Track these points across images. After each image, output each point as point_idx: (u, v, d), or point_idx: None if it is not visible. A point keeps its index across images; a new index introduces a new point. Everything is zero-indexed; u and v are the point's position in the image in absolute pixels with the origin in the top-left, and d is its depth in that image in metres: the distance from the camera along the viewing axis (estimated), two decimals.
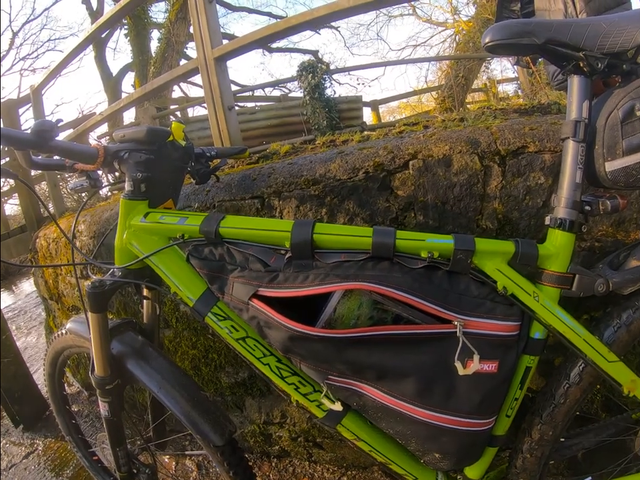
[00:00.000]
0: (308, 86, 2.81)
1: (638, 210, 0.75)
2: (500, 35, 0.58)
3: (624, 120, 0.58)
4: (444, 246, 0.56)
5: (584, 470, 0.87)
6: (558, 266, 0.59)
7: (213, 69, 1.09)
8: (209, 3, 1.10)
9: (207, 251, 0.64)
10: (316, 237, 0.58)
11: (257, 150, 1.02)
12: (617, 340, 0.63)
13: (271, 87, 6.56)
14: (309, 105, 2.81)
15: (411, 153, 0.74)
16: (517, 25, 0.58)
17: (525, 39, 0.57)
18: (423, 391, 0.57)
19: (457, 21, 7.30)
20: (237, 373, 0.92)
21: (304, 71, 2.88)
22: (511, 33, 0.57)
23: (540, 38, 0.57)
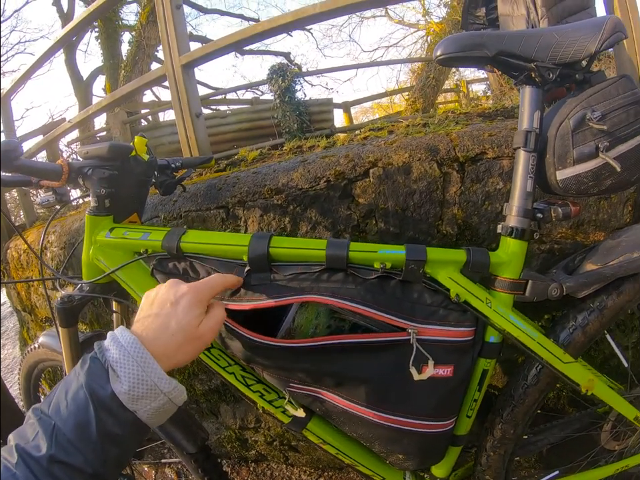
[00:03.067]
0: (278, 89, 2.81)
1: (596, 212, 0.76)
2: (451, 47, 0.58)
3: (575, 129, 0.59)
4: (396, 257, 0.57)
5: (554, 463, 0.89)
6: (510, 273, 0.60)
7: (180, 76, 1.08)
8: (176, 9, 1.09)
9: (171, 265, 0.65)
10: (272, 250, 0.59)
11: (227, 155, 1.02)
12: (573, 341, 0.65)
13: (243, 90, 6.53)
14: (279, 108, 2.82)
15: (372, 161, 0.75)
16: (468, 38, 0.59)
17: (476, 51, 0.58)
18: (380, 395, 0.60)
19: (429, 22, 7.29)
20: (210, 380, 0.94)
21: (274, 75, 2.87)
22: (462, 45, 0.58)
23: (491, 50, 0.58)
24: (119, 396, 0.39)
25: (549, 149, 0.60)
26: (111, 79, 5.34)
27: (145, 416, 0.40)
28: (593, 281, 0.64)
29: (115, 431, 0.39)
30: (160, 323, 0.46)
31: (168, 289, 0.49)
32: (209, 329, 0.48)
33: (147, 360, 0.41)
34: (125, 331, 0.44)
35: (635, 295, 0.67)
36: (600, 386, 0.67)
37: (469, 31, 1.04)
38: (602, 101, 0.60)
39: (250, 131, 2.81)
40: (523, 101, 0.61)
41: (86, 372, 0.40)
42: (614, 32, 0.60)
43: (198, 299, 0.48)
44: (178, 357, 0.45)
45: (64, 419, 0.38)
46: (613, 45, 0.61)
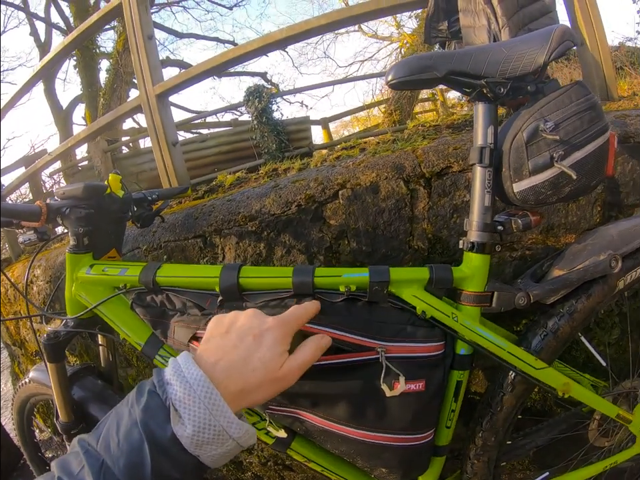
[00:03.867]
0: (255, 111, 2.81)
1: (565, 215, 0.76)
2: (401, 72, 0.59)
3: (528, 141, 0.59)
4: (360, 279, 0.58)
5: (549, 463, 0.89)
6: (475, 286, 0.61)
7: (155, 105, 1.10)
8: (148, 40, 1.10)
9: (149, 298, 0.66)
10: (242, 280, 0.60)
11: (208, 179, 1.03)
12: (545, 347, 0.65)
13: (222, 112, 6.38)
14: (257, 129, 2.82)
15: (340, 183, 0.76)
16: (417, 61, 0.59)
17: (425, 73, 0.58)
18: (356, 413, 0.60)
19: (402, 34, 7.14)
20: None
21: (250, 96, 2.87)
22: (412, 69, 0.59)
23: (441, 71, 0.58)
24: (180, 439, 0.34)
25: (504, 162, 0.60)
26: (90, 107, 5.31)
27: (208, 460, 0.36)
28: (559, 286, 0.64)
29: (172, 474, 0.34)
30: (240, 356, 0.40)
31: (251, 318, 0.44)
32: (293, 370, 0.43)
33: (217, 402, 0.35)
34: (191, 363, 0.37)
35: (605, 296, 0.67)
36: (577, 388, 0.67)
37: (432, 44, 1.04)
38: (555, 111, 0.60)
39: (230, 154, 2.81)
40: (477, 117, 0.61)
41: (142, 408, 0.35)
42: (562, 41, 0.60)
43: (284, 333, 0.44)
44: (255, 396, 0.40)
45: (115, 457, 0.33)
46: (563, 54, 0.61)
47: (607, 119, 0.64)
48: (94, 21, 1.25)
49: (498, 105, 0.62)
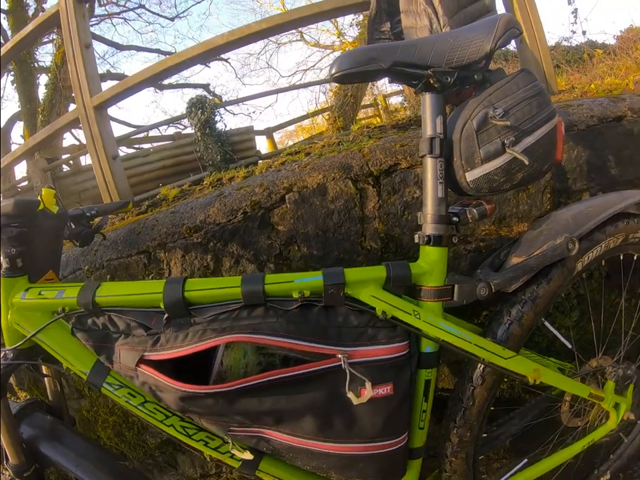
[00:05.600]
0: (198, 122, 2.66)
1: (516, 205, 0.72)
2: (346, 64, 0.53)
3: (478, 129, 0.55)
4: (313, 283, 0.51)
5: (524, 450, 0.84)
6: (434, 281, 0.55)
7: (93, 118, 0.99)
8: (85, 49, 1.00)
9: (90, 321, 0.57)
10: (187, 294, 0.52)
11: (152, 194, 0.94)
12: (512, 336, 0.60)
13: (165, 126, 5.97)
14: (201, 141, 2.66)
15: (286, 187, 0.69)
16: (362, 53, 0.54)
17: (370, 65, 0.53)
18: (323, 426, 0.53)
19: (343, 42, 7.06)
20: (161, 432, 0.85)
21: (193, 108, 2.72)
22: (356, 61, 0.53)
23: (386, 62, 0.53)
24: None
25: (455, 152, 0.55)
26: (29, 124, 4.83)
27: None
28: (519, 274, 0.59)
29: None
30: None
31: None
32: None
33: None
34: None
35: (565, 279, 0.63)
36: (547, 373, 0.62)
37: None
38: (503, 98, 0.56)
39: (174, 167, 2.62)
40: (424, 108, 0.56)
41: None
42: (507, 28, 0.56)
43: None
44: None
45: None
46: (509, 42, 0.57)
47: (553, 105, 0.60)
48: (30, 30, 1.12)
49: (445, 94, 0.57)
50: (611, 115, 0.77)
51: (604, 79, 1.13)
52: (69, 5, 0.98)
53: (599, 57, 1.96)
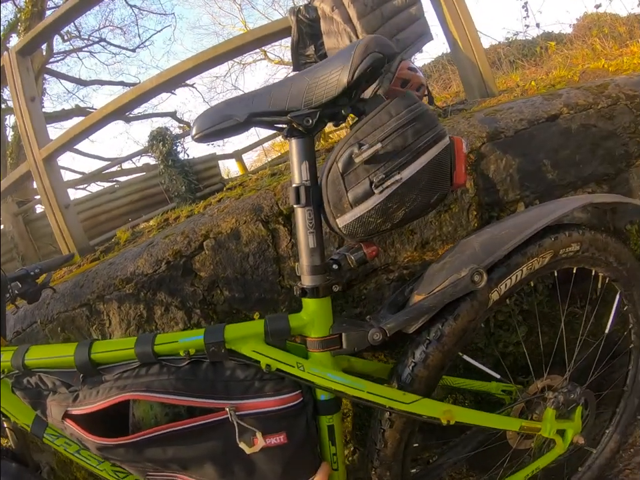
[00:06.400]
0: (160, 154, 2.65)
1: (439, 227, 0.66)
2: (203, 125, 0.52)
3: (344, 171, 0.51)
4: (196, 342, 0.52)
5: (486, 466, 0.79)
6: (317, 332, 0.53)
7: (44, 169, 1.02)
8: (31, 102, 1.02)
9: (25, 381, 0.63)
10: (93, 356, 0.56)
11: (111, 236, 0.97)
12: (416, 378, 0.56)
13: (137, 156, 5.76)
14: (165, 173, 2.64)
15: (204, 234, 0.69)
16: (216, 111, 0.52)
17: (226, 122, 0.51)
18: (223, 473, 0.55)
19: None
20: None
21: (154, 140, 2.70)
22: (212, 121, 0.52)
23: (241, 116, 0.51)
24: None
25: (324, 198, 0.51)
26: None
27: None
28: (416, 315, 0.54)
29: None
30: None
31: None
32: None
33: None
34: None
35: (477, 312, 0.57)
36: (461, 412, 0.57)
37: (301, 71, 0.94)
38: (371, 132, 0.51)
39: (141, 201, 2.64)
40: (291, 155, 0.53)
41: None
42: (365, 55, 0.49)
43: None
44: None
45: None
46: (373, 68, 0.50)
47: (441, 126, 0.54)
48: None
49: (313, 137, 0.53)
50: (543, 115, 0.67)
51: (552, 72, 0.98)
52: (13, 60, 1.01)
53: (552, 49, 1.72)
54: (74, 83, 7.52)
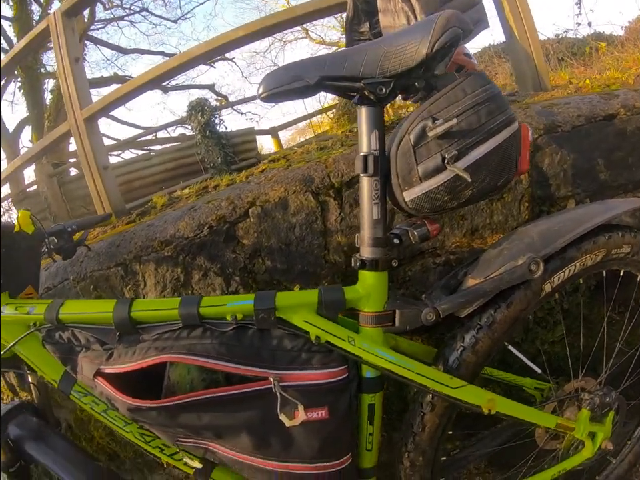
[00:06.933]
0: (198, 125, 2.59)
1: (490, 215, 0.65)
2: (272, 84, 0.50)
3: (416, 144, 0.49)
4: (245, 307, 0.50)
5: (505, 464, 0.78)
6: (371, 306, 0.51)
7: (84, 130, 1.01)
8: (75, 63, 1.01)
9: (57, 335, 0.60)
10: (133, 314, 0.53)
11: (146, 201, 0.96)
12: (464, 363, 0.54)
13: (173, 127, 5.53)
14: (202, 144, 2.58)
15: (250, 201, 0.67)
16: (286, 71, 0.50)
17: (296, 83, 0.49)
18: (259, 444, 0.53)
19: None
20: None
21: (192, 111, 2.64)
22: (281, 80, 0.49)
23: (312, 78, 0.49)
24: None
25: (392, 169, 0.49)
26: (37, 129, 4.66)
27: None
28: (472, 298, 0.53)
29: None
30: None
31: None
32: None
33: None
34: None
35: (529, 302, 0.55)
36: (504, 403, 0.56)
37: None
38: (445, 107, 0.49)
39: (175, 170, 2.58)
40: (360, 123, 0.51)
41: None
42: (446, 29, 0.48)
43: None
44: None
45: None
46: (452, 43, 0.49)
47: (512, 110, 0.53)
48: (23, 45, 1.17)
49: (383, 107, 0.51)
50: (600, 114, 0.66)
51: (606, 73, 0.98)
52: (58, 20, 1.00)
53: (602, 50, 1.71)
54: (114, 50, 7.31)
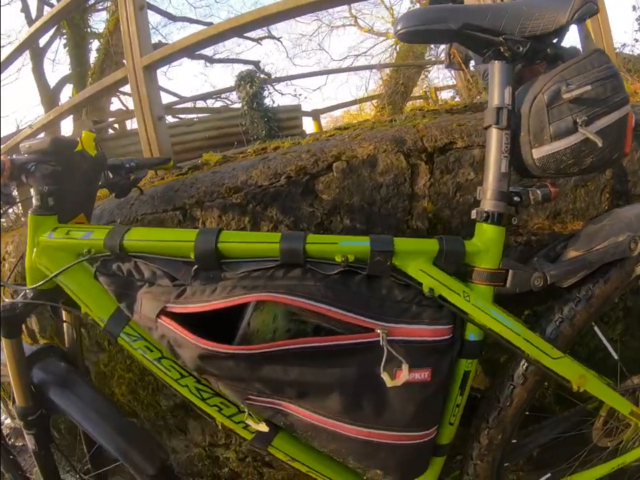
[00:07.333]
0: (246, 95, 2.60)
1: (573, 201, 0.67)
2: (413, 21, 0.49)
3: (550, 104, 0.50)
4: (360, 248, 0.47)
5: (543, 463, 0.77)
6: (488, 262, 0.50)
7: (142, 77, 0.98)
8: (139, 10, 0.98)
9: (115, 266, 0.53)
10: (221, 245, 0.48)
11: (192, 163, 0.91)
12: (560, 335, 0.54)
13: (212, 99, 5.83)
14: (247, 115, 2.59)
15: (335, 155, 0.65)
16: (431, 11, 0.50)
17: (439, 24, 0.49)
18: (350, 406, 0.48)
19: None
20: (175, 395, 0.80)
21: (242, 81, 2.66)
22: (425, 19, 0.49)
23: (456, 23, 0.49)
24: None
25: (523, 126, 0.50)
26: (78, 87, 4.73)
27: None
28: (578, 267, 0.54)
29: None
30: None
31: None
32: None
33: None
34: None
35: (622, 282, 0.57)
36: (592, 381, 0.56)
37: None
38: (576, 75, 0.51)
39: (217, 139, 2.50)
40: (492, 77, 0.51)
41: None
42: (585, 3, 0.51)
43: None
44: None
45: None
46: (585, 17, 0.52)
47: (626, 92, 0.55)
48: None
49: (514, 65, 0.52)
50: None
51: None
52: None
53: None
54: (163, 16, 7.05)
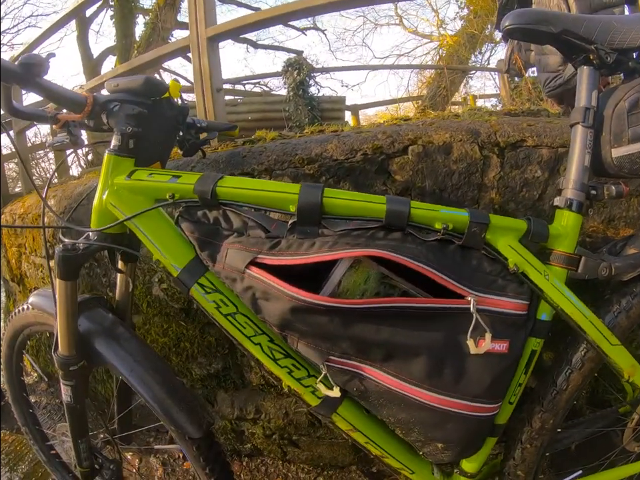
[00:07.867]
0: (293, 82, 2.66)
1: (627, 209, 0.73)
2: (520, 19, 0.55)
3: (630, 110, 0.57)
4: (459, 218, 0.50)
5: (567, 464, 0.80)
6: (566, 246, 0.55)
7: (205, 48, 1.00)
8: None
9: (201, 213, 0.54)
10: (326, 200, 0.50)
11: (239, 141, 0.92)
12: (617, 325, 0.60)
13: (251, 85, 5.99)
14: (292, 101, 2.64)
15: (411, 139, 0.70)
16: (536, 13, 0.57)
17: (542, 26, 0.55)
18: (432, 372, 0.50)
19: (443, 34, 6.66)
20: (210, 364, 0.79)
21: (290, 67, 2.73)
22: (530, 19, 0.55)
23: (557, 27, 0.55)
24: None
25: (605, 127, 0.57)
26: (122, 59, 4.81)
27: None
28: (639, 263, 0.59)
29: None
30: None
31: None
32: None
33: None
34: None
35: None
36: None
37: None
38: None
39: (260, 122, 2.51)
40: (581, 81, 0.58)
41: None
42: None
43: None
44: None
45: None
46: None
47: None
48: None
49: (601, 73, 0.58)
50: None
51: None
52: None
53: None
54: None
